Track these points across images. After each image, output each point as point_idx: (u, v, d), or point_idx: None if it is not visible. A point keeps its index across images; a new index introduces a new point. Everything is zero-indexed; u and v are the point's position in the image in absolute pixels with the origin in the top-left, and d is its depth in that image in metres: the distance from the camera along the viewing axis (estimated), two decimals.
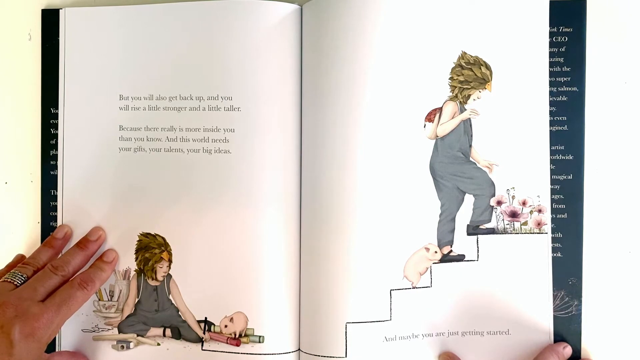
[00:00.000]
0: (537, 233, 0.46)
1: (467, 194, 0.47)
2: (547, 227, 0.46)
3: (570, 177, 0.46)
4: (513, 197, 0.46)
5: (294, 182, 0.47)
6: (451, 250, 0.46)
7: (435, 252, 0.46)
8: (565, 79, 0.47)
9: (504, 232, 0.46)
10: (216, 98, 0.47)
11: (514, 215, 0.46)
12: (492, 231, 0.46)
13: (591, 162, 0.47)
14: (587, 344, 0.46)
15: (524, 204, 0.46)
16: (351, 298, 0.45)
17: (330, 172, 0.46)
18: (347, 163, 0.45)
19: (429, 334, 0.46)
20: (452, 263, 0.46)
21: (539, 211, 0.46)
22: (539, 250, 0.46)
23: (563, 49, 0.47)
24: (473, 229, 0.46)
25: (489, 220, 0.46)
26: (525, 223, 0.46)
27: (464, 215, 0.46)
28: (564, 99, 0.47)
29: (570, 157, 0.46)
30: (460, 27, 0.46)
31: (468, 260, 0.46)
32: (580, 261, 0.46)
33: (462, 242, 0.46)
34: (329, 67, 0.45)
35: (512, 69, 0.46)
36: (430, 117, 0.46)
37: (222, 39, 0.47)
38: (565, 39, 0.47)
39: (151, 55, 0.48)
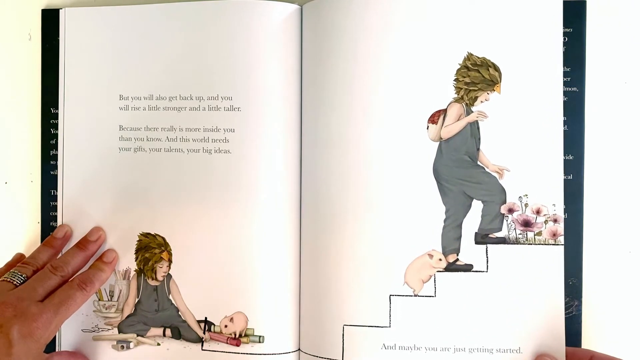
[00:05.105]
0: (552, 244, 0.44)
1: (474, 200, 0.45)
2: (562, 239, 0.44)
3: (570, 177, 0.46)
4: (526, 204, 0.44)
5: (294, 182, 0.47)
6: (457, 259, 0.44)
7: (440, 259, 0.44)
8: (565, 79, 0.46)
9: (516, 242, 0.44)
10: (216, 98, 0.47)
11: (527, 224, 0.44)
12: (502, 241, 0.44)
13: (591, 162, 0.47)
14: (587, 344, 0.46)
15: (537, 212, 0.44)
16: (349, 300, 0.45)
17: (330, 172, 0.45)
18: (347, 163, 0.45)
19: (432, 348, 0.44)
20: (459, 273, 0.44)
21: (555, 221, 0.44)
22: (553, 263, 0.43)
23: (563, 49, 0.46)
24: (482, 238, 0.44)
25: (500, 229, 0.44)
26: (540, 233, 0.44)
27: (472, 222, 0.44)
28: (564, 99, 0.46)
29: (570, 157, 0.46)
30: (465, 28, 0.44)
31: (476, 271, 0.44)
32: (580, 261, 0.46)
33: (469, 251, 0.44)
34: (329, 67, 0.45)
35: (523, 71, 0.44)
36: (433, 119, 0.45)
37: (222, 39, 0.47)
38: (565, 39, 0.46)
39: (151, 55, 0.48)
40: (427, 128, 0.45)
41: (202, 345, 0.47)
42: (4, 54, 0.52)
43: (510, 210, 0.44)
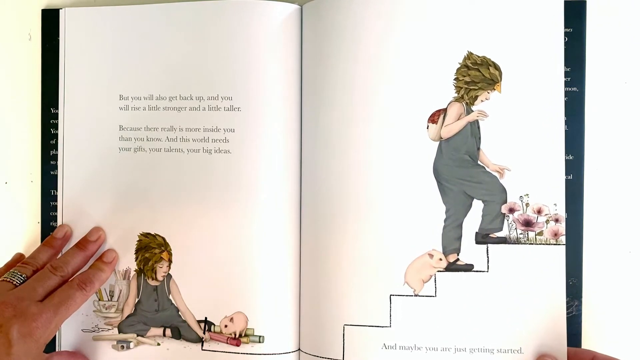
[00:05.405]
0: (554, 244, 0.43)
1: (475, 200, 0.45)
2: (564, 238, 0.43)
3: (570, 177, 0.46)
4: (527, 204, 0.44)
5: (294, 182, 0.47)
6: (458, 259, 0.44)
7: (440, 259, 0.44)
8: (565, 79, 0.46)
9: (517, 242, 0.44)
10: (216, 98, 0.47)
11: (528, 224, 0.44)
12: (503, 240, 0.44)
13: (591, 162, 0.47)
14: (587, 344, 0.46)
15: (539, 212, 0.43)
16: (349, 300, 0.45)
17: (330, 172, 0.45)
18: (347, 163, 0.45)
19: (433, 348, 0.44)
20: (460, 273, 0.44)
21: (556, 220, 0.43)
22: (554, 263, 0.43)
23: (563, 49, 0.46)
24: (482, 238, 0.44)
25: (500, 229, 0.44)
26: (541, 233, 0.44)
27: (472, 222, 0.44)
28: (564, 99, 0.46)
29: (570, 157, 0.46)
30: (465, 27, 0.44)
31: (477, 271, 0.44)
32: (580, 261, 0.46)
33: (470, 251, 0.44)
34: (329, 67, 0.45)
35: (524, 70, 0.44)
36: (433, 118, 0.45)
37: (222, 39, 0.47)
38: (565, 39, 0.46)
39: (151, 55, 0.48)
40: (427, 127, 0.45)
41: (202, 345, 0.47)
42: (4, 54, 0.52)
43: (511, 210, 0.44)
